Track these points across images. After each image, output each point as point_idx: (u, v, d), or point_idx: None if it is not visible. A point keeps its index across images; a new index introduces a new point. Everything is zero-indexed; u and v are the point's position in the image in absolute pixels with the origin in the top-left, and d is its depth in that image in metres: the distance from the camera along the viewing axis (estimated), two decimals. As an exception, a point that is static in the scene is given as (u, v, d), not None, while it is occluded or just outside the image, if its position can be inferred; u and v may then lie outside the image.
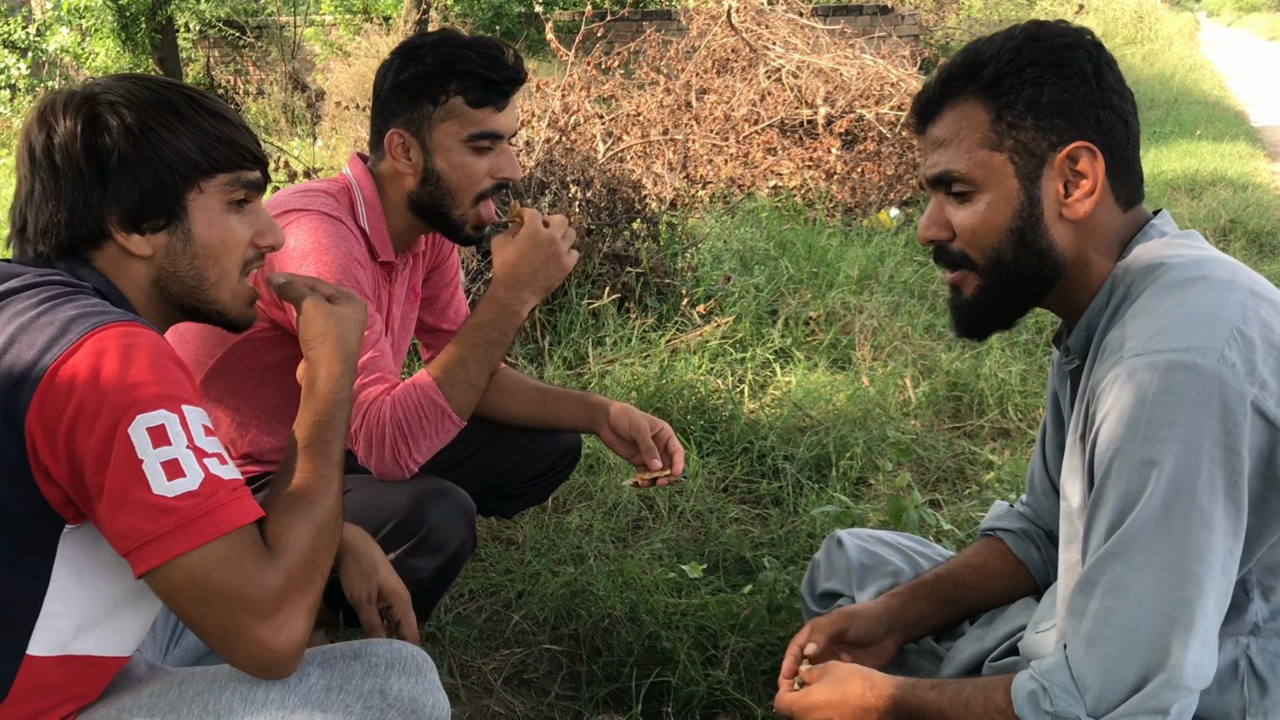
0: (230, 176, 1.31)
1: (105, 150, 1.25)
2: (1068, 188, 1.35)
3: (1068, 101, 1.34)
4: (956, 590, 1.75)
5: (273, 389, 1.97)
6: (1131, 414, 1.22)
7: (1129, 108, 1.37)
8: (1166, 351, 1.22)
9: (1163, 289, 1.30)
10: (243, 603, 1.14)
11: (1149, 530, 1.21)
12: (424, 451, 1.83)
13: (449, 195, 1.92)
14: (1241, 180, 7.29)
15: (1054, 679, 1.26)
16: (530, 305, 1.87)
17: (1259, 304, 1.27)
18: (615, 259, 4.32)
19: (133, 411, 1.12)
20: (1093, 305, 1.39)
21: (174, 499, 1.12)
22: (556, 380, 3.61)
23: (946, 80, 1.40)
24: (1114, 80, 1.36)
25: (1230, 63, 15.85)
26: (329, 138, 8.27)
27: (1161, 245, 1.36)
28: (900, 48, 8.24)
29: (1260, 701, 1.29)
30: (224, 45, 12.35)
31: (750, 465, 3.17)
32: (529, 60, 10.16)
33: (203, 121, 1.29)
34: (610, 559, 2.60)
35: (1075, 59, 1.34)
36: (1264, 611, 1.29)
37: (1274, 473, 1.22)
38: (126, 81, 1.29)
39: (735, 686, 2.10)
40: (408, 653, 1.27)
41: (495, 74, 1.87)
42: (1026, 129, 1.34)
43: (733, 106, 6.88)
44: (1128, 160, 1.36)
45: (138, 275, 1.30)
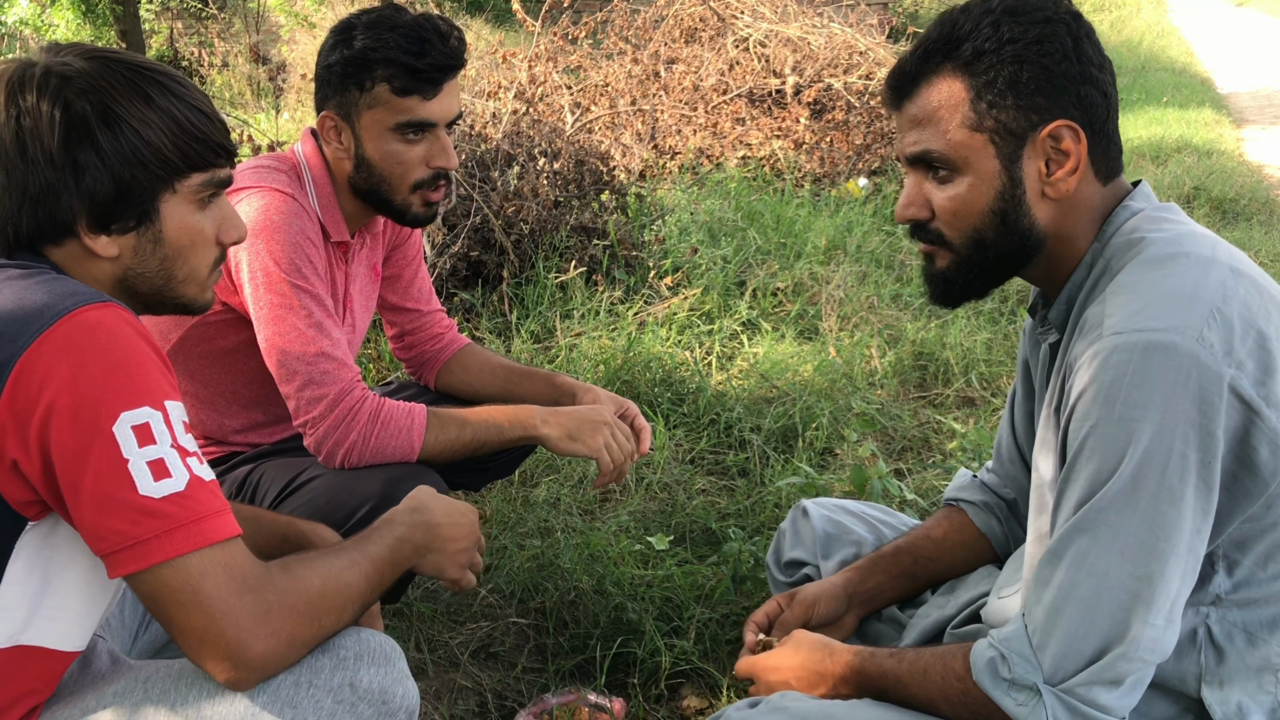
0: (205, 176, 1.26)
1: (82, 145, 1.18)
2: (1050, 166, 1.34)
3: (1049, 79, 1.32)
4: (916, 563, 1.78)
5: (230, 373, 1.96)
6: (1108, 392, 1.22)
7: (1108, 79, 1.36)
8: (1146, 331, 1.22)
9: (1143, 265, 1.30)
10: (226, 613, 1.12)
11: (1117, 507, 1.22)
12: (367, 461, 1.83)
13: (384, 182, 1.89)
14: (1206, 147, 7.35)
15: (1012, 646, 1.28)
16: (544, 433, 1.94)
17: (1239, 281, 1.27)
18: (583, 231, 4.31)
19: (116, 408, 1.09)
20: (1073, 279, 1.39)
21: (160, 501, 1.09)
22: (524, 354, 3.61)
23: (924, 55, 1.37)
24: (1093, 53, 1.34)
25: (1197, 29, 15.91)
26: (294, 110, 8.19)
27: (1142, 219, 1.36)
28: (868, 16, 8.23)
29: (1216, 669, 1.32)
30: (187, 17, 12.18)
31: (717, 437, 3.19)
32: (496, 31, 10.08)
33: (178, 114, 1.23)
34: (577, 532, 2.62)
35: (1055, 34, 1.32)
36: (1226, 584, 1.31)
37: (1247, 453, 1.23)
38: (96, 61, 1.21)
39: (700, 657, 2.12)
40: (376, 642, 1.25)
41: (420, 62, 1.81)
42: (1007, 108, 1.33)
43: (701, 76, 6.86)
44: (1107, 133, 1.36)
45: (100, 274, 1.24)
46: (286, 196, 1.84)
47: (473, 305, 3.96)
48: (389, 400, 1.86)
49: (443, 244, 3.99)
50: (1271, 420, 1.22)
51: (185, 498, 1.11)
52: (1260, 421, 1.22)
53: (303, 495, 1.84)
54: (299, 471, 1.89)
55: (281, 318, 1.80)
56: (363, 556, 1.31)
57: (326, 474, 1.85)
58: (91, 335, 1.10)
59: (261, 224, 1.80)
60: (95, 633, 1.36)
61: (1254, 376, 1.22)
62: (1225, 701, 1.31)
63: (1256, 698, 1.31)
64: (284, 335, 1.80)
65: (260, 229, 1.79)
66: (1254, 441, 1.22)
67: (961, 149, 1.35)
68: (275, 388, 1.89)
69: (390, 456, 1.84)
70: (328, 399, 1.81)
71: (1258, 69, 12.34)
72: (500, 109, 5.08)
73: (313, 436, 1.82)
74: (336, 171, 1.93)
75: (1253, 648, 1.31)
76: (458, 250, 3.96)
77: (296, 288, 1.80)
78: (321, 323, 1.82)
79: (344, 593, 1.25)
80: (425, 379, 2.29)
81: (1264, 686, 1.31)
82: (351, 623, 1.27)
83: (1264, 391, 1.22)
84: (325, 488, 1.82)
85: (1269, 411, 1.22)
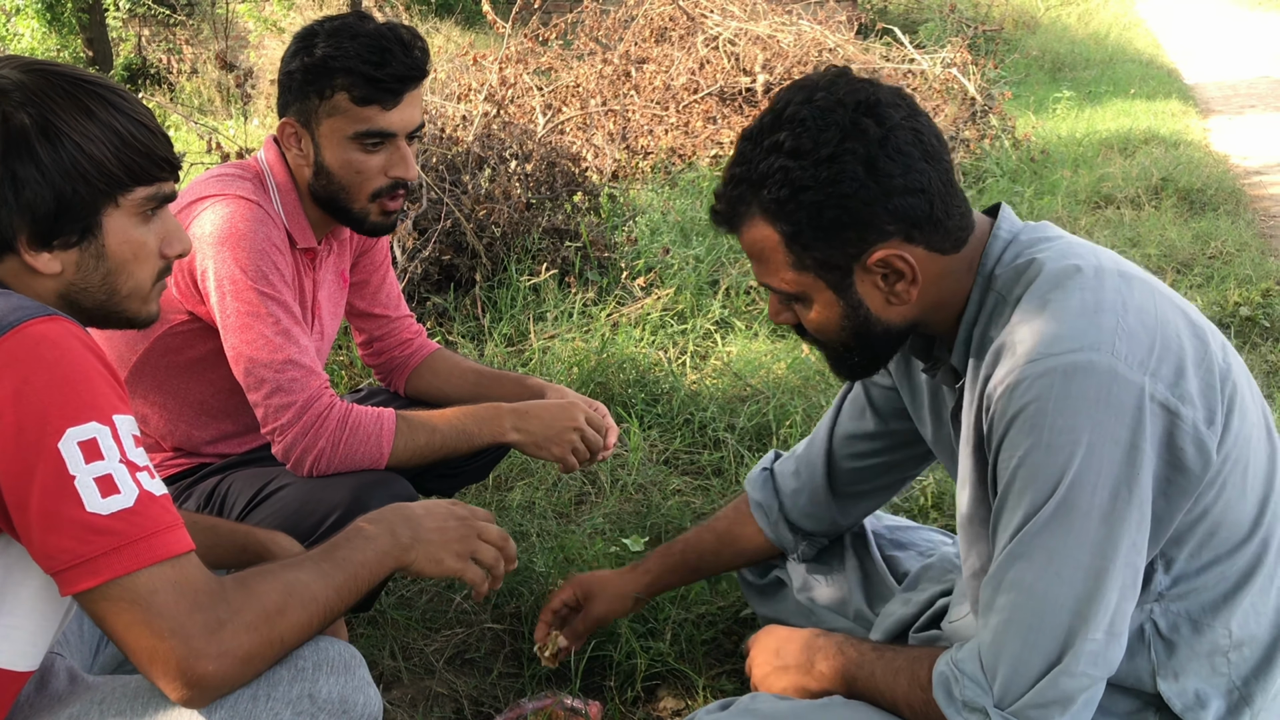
0: (149, 190, 1.24)
1: (20, 159, 1.15)
2: (886, 281, 1.35)
3: (852, 213, 1.30)
4: (700, 559, 1.97)
5: (199, 383, 1.95)
6: (1034, 419, 1.24)
7: (922, 168, 1.30)
8: (1062, 354, 1.24)
9: (1041, 288, 1.31)
10: (176, 631, 1.10)
11: (1052, 530, 1.24)
12: (336, 468, 1.82)
13: (343, 190, 1.88)
14: (1173, 138, 7.41)
15: (965, 669, 1.30)
16: (513, 439, 1.95)
17: (1129, 285, 1.30)
18: (555, 233, 4.31)
19: (62, 424, 1.07)
20: (964, 319, 1.40)
21: (108, 518, 1.08)
22: (497, 358, 3.60)
23: (730, 199, 1.37)
24: (896, 156, 1.29)
25: (1164, 20, 16.04)
26: (264, 117, 8.15)
27: (1021, 245, 1.38)
28: (837, 13, 8.25)
29: (1169, 662, 1.34)
30: (155, 23, 12.09)
31: (691, 436, 3.19)
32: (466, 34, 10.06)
33: (120, 127, 1.20)
34: (552, 535, 2.61)
35: (843, 170, 1.28)
36: (1165, 581, 1.33)
37: (1175, 455, 1.25)
38: (35, 74, 1.19)
39: (676, 658, 2.12)
40: (335, 651, 1.24)
41: (380, 72, 1.80)
42: (820, 247, 1.32)
43: (672, 76, 6.86)
44: (937, 218, 1.33)
45: (43, 290, 1.21)
46: (251, 204, 1.83)
47: (445, 309, 3.95)
48: (357, 406, 1.86)
49: (414, 248, 3.97)
50: (1191, 418, 1.24)
51: (134, 514, 1.09)
52: (1181, 422, 1.24)
53: (271, 504, 1.83)
54: (267, 481, 1.88)
55: (248, 325, 1.79)
56: (331, 565, 1.28)
57: (295, 483, 1.84)
58: (36, 350, 1.08)
59: (227, 232, 1.79)
60: (53, 650, 1.35)
61: (1168, 380, 1.24)
62: (1183, 692, 1.33)
63: (1211, 681, 1.33)
64: (251, 343, 1.79)
65: (226, 237, 1.78)
66: (1179, 442, 1.24)
67: (795, 285, 1.37)
68: (244, 397, 1.88)
69: (359, 463, 1.83)
70: (295, 406, 1.80)
71: (1223, 59, 12.46)
72: (471, 111, 5.07)
73: (281, 444, 1.82)
74: (299, 178, 1.92)
75: (1198, 635, 1.33)
76: (429, 254, 3.95)
77: (263, 295, 1.80)
78: (289, 330, 1.81)
79: (308, 606, 1.22)
80: (395, 385, 2.28)
81: (1217, 669, 1.34)
82: (318, 633, 1.25)
83: (1179, 391, 1.24)
84: (294, 496, 1.81)
85: (1186, 410, 1.24)
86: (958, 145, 6.36)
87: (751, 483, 1.95)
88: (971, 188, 5.90)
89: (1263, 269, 4.67)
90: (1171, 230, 5.15)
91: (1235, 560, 1.33)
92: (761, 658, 1.62)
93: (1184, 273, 4.62)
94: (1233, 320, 3.95)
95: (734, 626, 2.24)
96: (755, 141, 1.32)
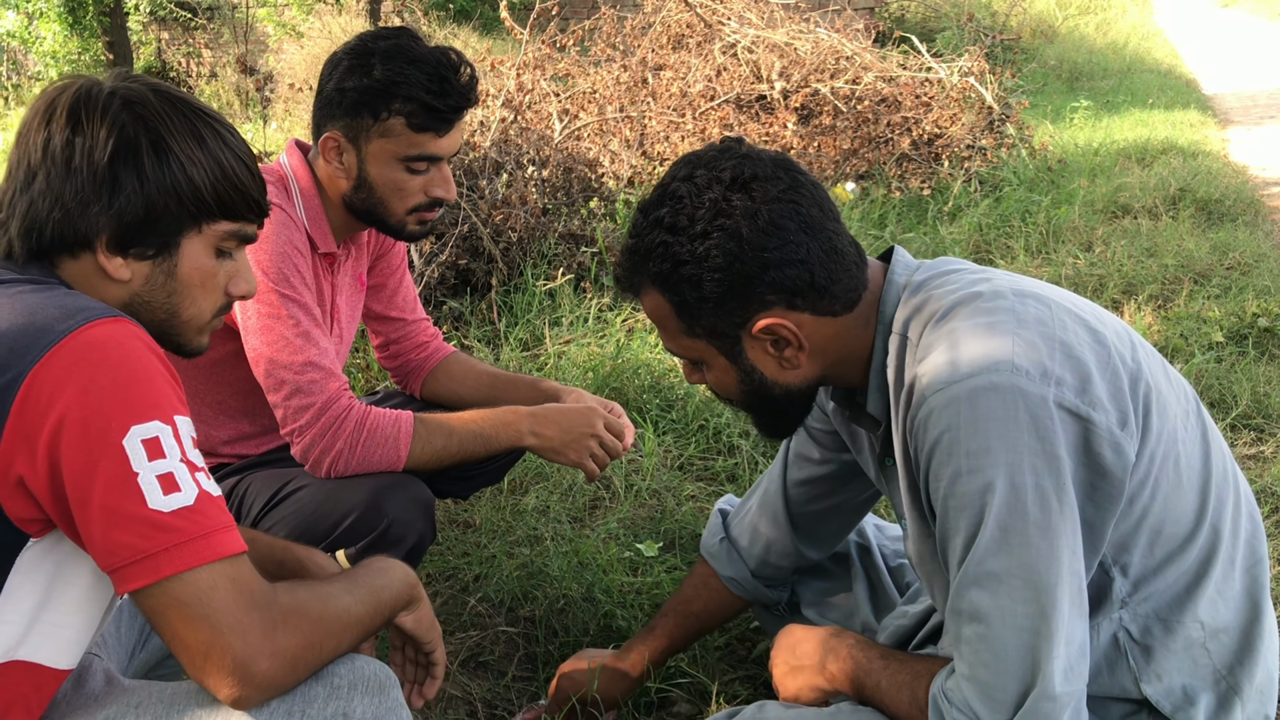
0: (234, 227, 1.29)
1: (126, 165, 1.20)
2: (775, 347, 1.39)
3: (729, 285, 1.34)
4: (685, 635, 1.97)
5: (218, 384, 1.96)
6: (949, 448, 1.26)
7: (800, 239, 1.34)
8: (963, 380, 1.26)
9: (938, 322, 1.34)
10: (234, 628, 1.11)
11: (993, 555, 1.25)
12: (353, 470, 1.84)
13: (381, 203, 1.91)
14: (1192, 149, 7.38)
15: (954, 699, 1.31)
16: (530, 444, 1.95)
17: (1025, 302, 1.32)
18: (571, 239, 4.32)
19: (126, 421, 1.09)
20: (873, 366, 1.43)
21: (170, 515, 1.09)
22: (513, 362, 3.62)
23: (627, 269, 1.42)
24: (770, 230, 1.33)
25: (1183, 30, 15.98)
26: (282, 121, 8.19)
27: (916, 286, 1.41)
28: (855, 21, 8.26)
29: (1148, 666, 1.34)
30: (175, 27, 12.17)
31: (706, 442, 3.20)
32: (483, 40, 10.10)
33: (224, 162, 1.26)
34: (566, 540, 2.62)
35: (718, 244, 1.32)
36: (1126, 586, 1.34)
37: (1094, 460, 1.26)
38: (160, 94, 1.25)
39: (690, 663, 2.13)
40: (370, 671, 1.23)
41: (440, 102, 1.83)
42: (707, 317, 1.38)
43: (689, 83, 6.87)
44: (820, 286, 1.36)
45: (109, 296, 1.24)
46: (274, 207, 1.85)
47: (461, 314, 3.97)
48: (376, 409, 1.87)
49: (431, 252, 3.99)
50: (1102, 422, 1.25)
51: (194, 512, 1.11)
52: (1094, 428, 1.25)
53: (289, 505, 1.84)
54: (285, 482, 1.89)
55: (269, 327, 1.80)
56: (362, 588, 1.31)
57: (313, 483, 1.85)
58: (102, 350, 1.11)
59: (248, 235, 1.80)
60: (91, 651, 1.36)
61: (1074, 387, 1.25)
62: (1170, 692, 1.34)
63: (1196, 675, 1.34)
64: (272, 344, 1.80)
65: (246, 240, 1.80)
66: (1095, 447, 1.25)
67: (690, 351, 1.43)
68: (263, 398, 1.90)
69: (377, 465, 1.84)
70: (314, 408, 1.81)
71: (1243, 70, 12.40)
72: (488, 117, 5.08)
73: (300, 445, 1.83)
74: (327, 186, 1.93)
75: (1171, 633, 1.34)
76: (446, 259, 3.97)
77: (284, 297, 1.81)
78: (309, 332, 1.83)
79: (342, 618, 1.24)
80: (411, 388, 2.29)
81: (1198, 661, 1.35)
82: (349, 650, 1.26)
83: (1087, 398, 1.26)
84: (311, 497, 1.82)
85: (1098, 415, 1.25)
86: (975, 154, 6.35)
87: (715, 558, 1.96)
88: (989, 196, 5.89)
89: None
90: (1189, 241, 5.13)
91: (1189, 552, 1.35)
92: (780, 657, 1.64)
93: (1201, 283, 4.60)
94: (1250, 331, 3.93)
95: (747, 633, 2.25)
96: (645, 214, 1.39)
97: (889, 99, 6.66)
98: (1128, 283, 4.56)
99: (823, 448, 1.77)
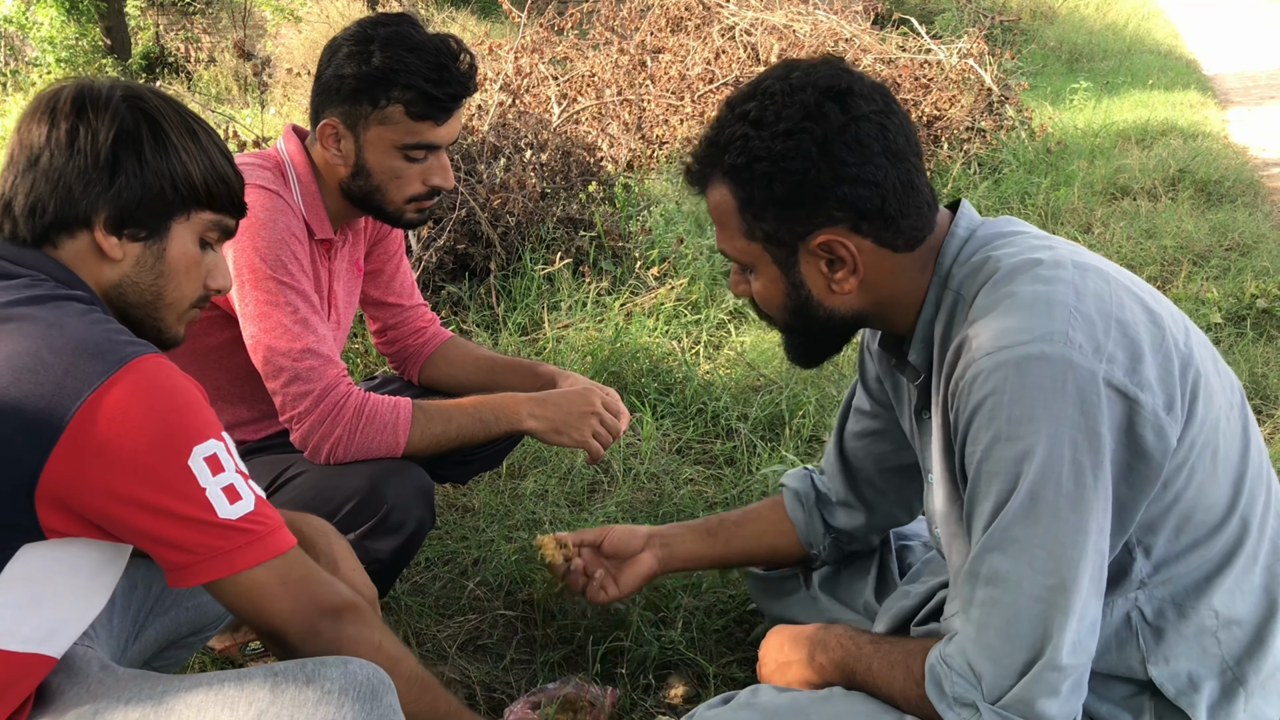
0: (216, 217, 1.38)
1: (128, 150, 1.29)
2: (830, 268, 1.37)
3: (800, 191, 1.32)
4: (721, 524, 1.98)
5: (216, 370, 1.96)
6: (991, 412, 1.25)
7: (880, 163, 1.32)
8: (1015, 346, 1.24)
9: (996, 284, 1.32)
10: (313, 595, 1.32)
11: (1020, 522, 1.25)
12: (352, 456, 1.85)
13: (379, 191, 1.92)
14: (1192, 129, 7.37)
15: (953, 664, 1.32)
16: (530, 427, 1.97)
17: (1085, 275, 1.30)
18: (570, 223, 4.32)
19: (188, 443, 1.20)
20: (923, 317, 1.42)
21: (239, 520, 1.24)
22: (511, 347, 3.62)
23: (700, 158, 1.41)
24: (854, 146, 1.31)
25: (1183, 11, 15.92)
26: (280, 105, 8.17)
27: (979, 242, 1.39)
28: (853, 3, 8.22)
29: (1158, 648, 1.35)
30: (173, 12, 12.14)
31: (704, 426, 3.20)
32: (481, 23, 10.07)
33: (214, 157, 1.36)
34: (565, 524, 2.63)
35: (798, 147, 1.30)
36: (1147, 568, 1.34)
37: (1135, 441, 1.25)
38: (163, 98, 1.36)
39: (687, 646, 2.14)
40: (364, 675, 1.24)
41: (439, 90, 1.83)
42: (769, 220, 1.36)
43: (687, 65, 6.85)
44: (889, 215, 1.34)
45: (101, 275, 1.32)
46: (271, 194, 1.85)
47: (460, 298, 3.97)
48: (374, 395, 1.87)
49: (429, 237, 3.99)
50: (1149, 404, 1.25)
51: (257, 515, 1.27)
52: (1140, 408, 1.24)
53: (288, 491, 1.85)
54: (284, 468, 1.90)
55: (267, 314, 1.81)
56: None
57: (312, 470, 1.86)
58: (155, 379, 1.21)
59: (246, 221, 1.79)
60: (85, 643, 1.40)
61: (1125, 366, 1.24)
62: (1175, 676, 1.34)
63: (1203, 662, 1.34)
64: (270, 331, 1.81)
65: (245, 226, 1.80)
66: (1138, 429, 1.25)
67: (744, 254, 1.41)
68: (261, 384, 1.90)
69: (375, 451, 1.85)
70: (313, 394, 1.82)
71: (1243, 50, 12.36)
72: (486, 101, 5.08)
73: (299, 432, 1.83)
74: (325, 173, 1.93)
75: (1184, 618, 1.34)
76: (444, 243, 3.97)
77: (282, 284, 1.81)
78: (307, 319, 1.83)
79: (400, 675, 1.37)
80: (409, 373, 2.30)
81: (1207, 649, 1.35)
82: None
83: (1136, 378, 1.25)
84: (310, 484, 1.83)
85: (1145, 396, 1.25)
86: (974, 136, 6.34)
87: (789, 476, 1.98)
88: (988, 179, 5.88)
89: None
90: (1188, 222, 5.12)
91: (1214, 542, 1.34)
92: (768, 655, 1.64)
93: (1201, 264, 4.60)
94: (1249, 312, 3.94)
95: (745, 615, 2.26)
96: (730, 108, 1.37)
97: (888, 81, 6.64)
98: (1127, 264, 4.56)
99: (874, 400, 1.77)
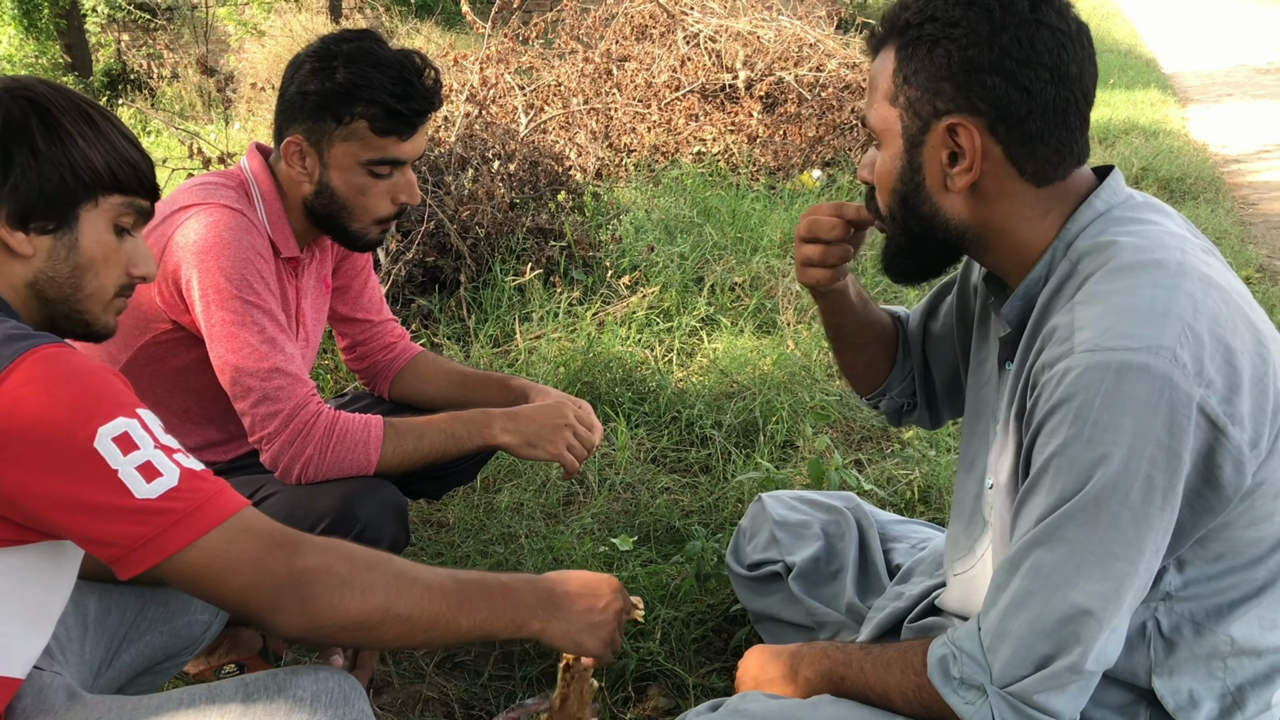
0: (126, 200, 1.33)
1: (18, 143, 1.24)
2: (954, 158, 1.30)
3: (955, 64, 1.26)
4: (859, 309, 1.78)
5: (184, 392, 1.94)
6: (1078, 412, 1.20)
7: (1043, 75, 1.26)
8: (1119, 350, 1.19)
9: (1113, 274, 1.25)
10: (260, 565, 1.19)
11: (1078, 523, 1.21)
12: (324, 476, 1.83)
13: (344, 210, 1.90)
14: (1153, 128, 7.45)
15: (964, 647, 1.30)
16: (504, 442, 1.94)
17: (1208, 292, 1.24)
18: (539, 233, 4.31)
19: (92, 425, 1.13)
20: (1031, 275, 1.35)
21: (159, 499, 1.14)
22: (483, 359, 3.61)
23: (885, 21, 1.35)
24: (1025, 44, 1.25)
25: (1141, 10, 16.10)
26: (245, 120, 8.12)
27: (1110, 220, 1.32)
28: (817, 8, 8.27)
29: (1166, 660, 1.33)
30: (134, 29, 12.04)
31: (679, 434, 3.20)
32: (446, 34, 10.04)
33: (115, 140, 1.31)
34: (541, 536, 2.62)
35: (972, 18, 1.25)
36: (1177, 582, 1.32)
37: (1212, 471, 1.22)
38: (51, 86, 1.31)
39: (666, 657, 2.13)
40: (334, 683, 1.24)
41: (404, 106, 1.82)
42: (916, 87, 1.30)
43: (653, 73, 6.86)
44: (1030, 131, 1.28)
45: (13, 274, 1.28)
46: (235, 213, 1.83)
47: (430, 311, 3.95)
48: (345, 413, 1.86)
49: (398, 250, 3.97)
50: (1236, 438, 1.21)
51: (181, 490, 1.16)
52: (1226, 440, 1.20)
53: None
54: (255, 489, 1.88)
55: (234, 334, 1.79)
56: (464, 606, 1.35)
57: (283, 490, 1.84)
58: (51, 366, 1.14)
59: (211, 241, 1.78)
60: (52, 669, 1.36)
61: (1221, 394, 1.19)
62: (1177, 691, 1.32)
63: (1207, 684, 1.33)
64: (237, 352, 1.79)
65: (209, 246, 1.78)
66: (1219, 460, 1.21)
67: (880, 121, 1.35)
68: (230, 405, 1.88)
69: (347, 470, 1.84)
70: (282, 414, 1.80)
71: (1201, 48, 12.52)
72: (453, 112, 5.06)
73: (269, 452, 1.82)
74: (289, 190, 1.92)
75: (1199, 637, 1.32)
76: (413, 256, 3.95)
77: (248, 303, 1.80)
78: (275, 338, 1.81)
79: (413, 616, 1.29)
80: (379, 389, 2.28)
81: (1213, 673, 1.33)
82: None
83: (1230, 409, 1.20)
84: (282, 504, 1.81)
85: (1234, 429, 1.20)
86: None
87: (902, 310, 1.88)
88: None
89: (1243, 256, 4.70)
90: (1152, 220, 5.17)
91: (1253, 573, 1.32)
92: (747, 675, 1.61)
93: (1165, 262, 4.64)
94: (1214, 309, 3.97)
95: (723, 624, 2.25)
96: None
97: (853, 85, 6.68)
98: (1093, 263, 4.60)
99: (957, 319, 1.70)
